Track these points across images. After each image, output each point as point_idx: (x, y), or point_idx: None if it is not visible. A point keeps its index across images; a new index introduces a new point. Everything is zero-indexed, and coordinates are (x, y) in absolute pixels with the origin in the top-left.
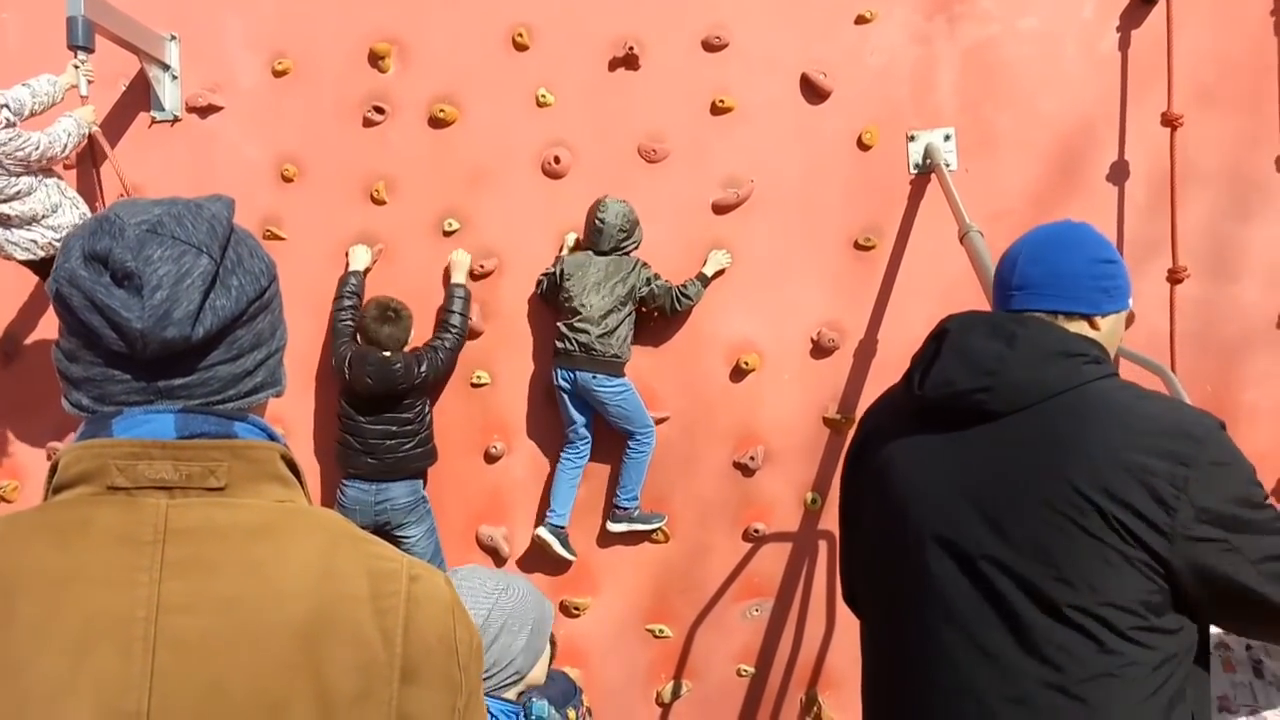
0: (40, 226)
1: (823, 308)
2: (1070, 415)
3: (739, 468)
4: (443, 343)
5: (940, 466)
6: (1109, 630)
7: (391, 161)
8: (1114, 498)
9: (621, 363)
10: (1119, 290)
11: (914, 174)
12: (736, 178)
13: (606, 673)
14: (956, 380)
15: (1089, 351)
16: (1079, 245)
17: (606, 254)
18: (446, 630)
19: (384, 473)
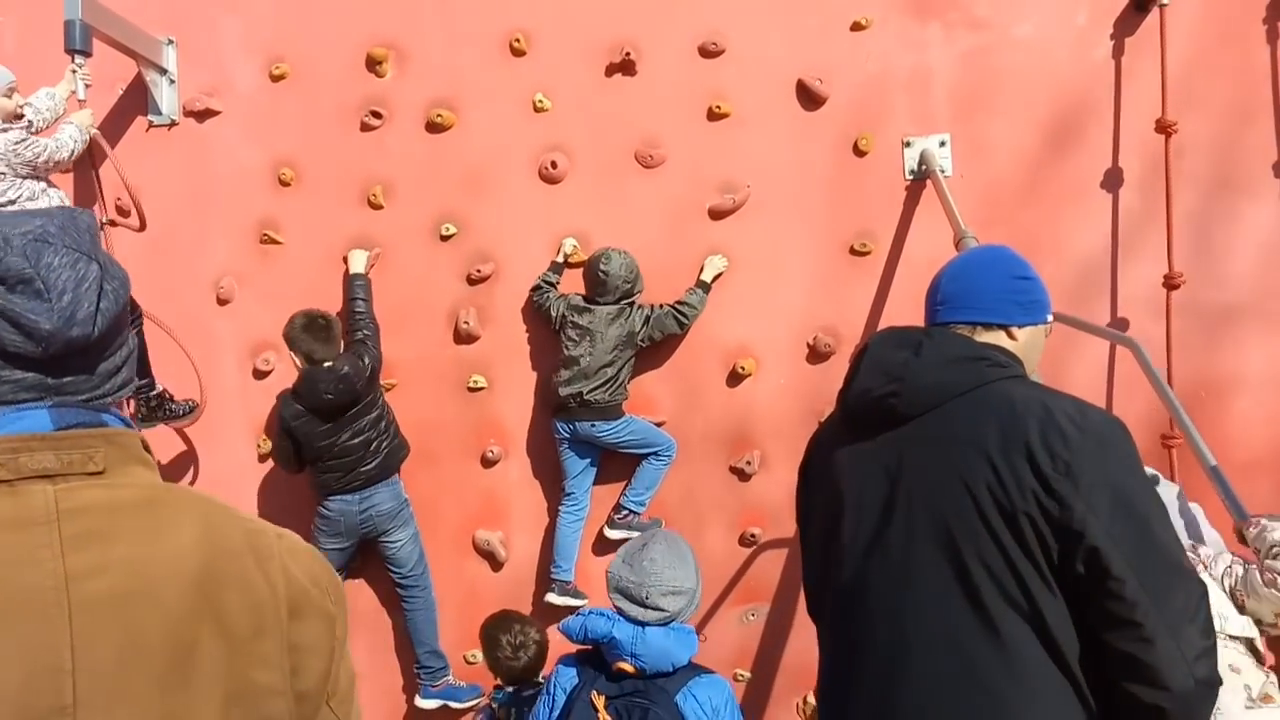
0: None
1: (818, 312)
2: (971, 410)
3: (735, 472)
4: (365, 335)
5: (863, 471)
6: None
7: (389, 166)
8: (1003, 482)
9: (618, 406)
10: (1035, 305)
11: (909, 180)
12: (733, 183)
13: None
14: (871, 387)
15: (991, 356)
16: (995, 264)
17: (610, 304)
18: (316, 574)
19: (369, 480)
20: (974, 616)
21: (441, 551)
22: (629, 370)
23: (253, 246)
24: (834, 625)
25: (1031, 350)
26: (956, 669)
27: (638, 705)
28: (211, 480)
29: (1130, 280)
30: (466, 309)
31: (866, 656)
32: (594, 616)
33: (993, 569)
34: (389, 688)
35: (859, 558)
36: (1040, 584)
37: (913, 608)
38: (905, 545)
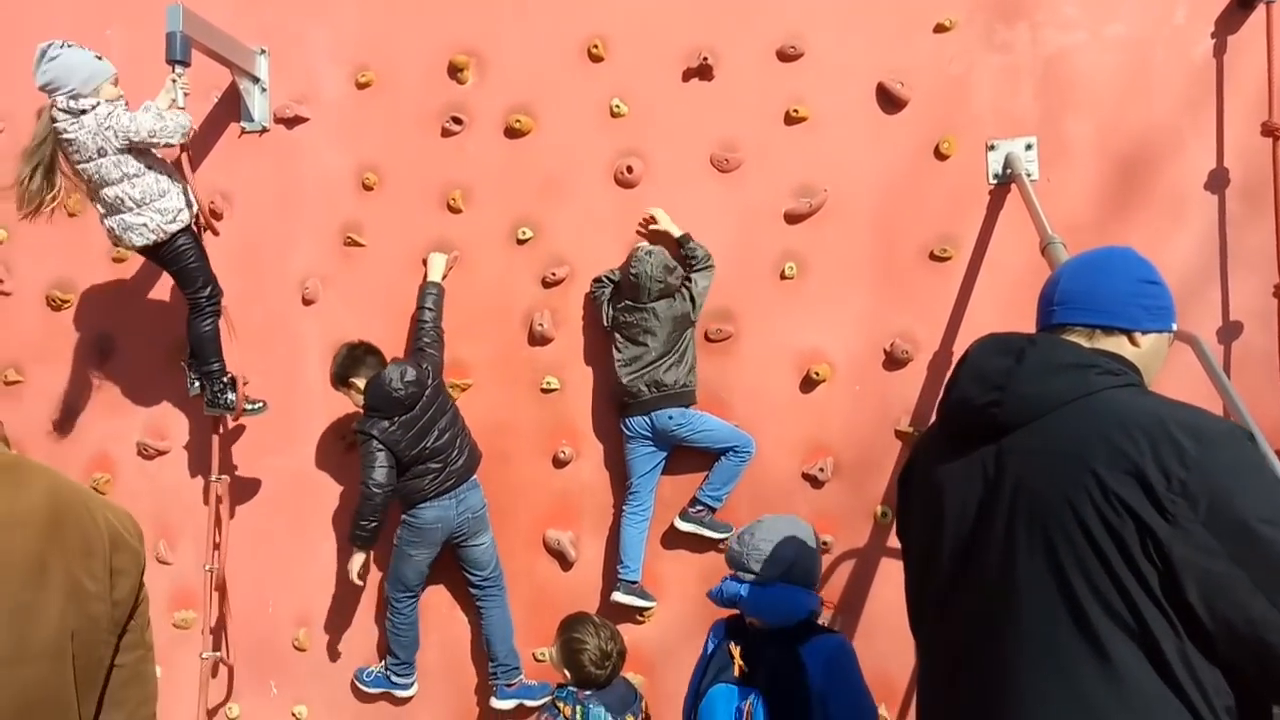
0: (150, 210)
1: (896, 319)
2: (1077, 420)
3: (808, 479)
4: (425, 344)
5: (963, 483)
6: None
7: (468, 171)
8: (1110, 500)
9: (691, 391)
10: (1161, 311)
11: (993, 184)
12: (810, 187)
13: (670, 681)
14: (972, 397)
15: (1102, 363)
16: (1122, 264)
17: (654, 301)
18: (128, 525)
19: (460, 478)
20: (1082, 640)
21: (513, 551)
22: (693, 351)
23: (337, 249)
24: (932, 640)
25: (1153, 360)
26: (1064, 694)
27: (765, 654)
28: (290, 473)
29: (1234, 290)
30: (541, 311)
31: (967, 675)
32: (728, 582)
33: (1100, 590)
34: (462, 689)
35: (957, 573)
36: (1153, 608)
37: (1015, 628)
38: (1006, 563)
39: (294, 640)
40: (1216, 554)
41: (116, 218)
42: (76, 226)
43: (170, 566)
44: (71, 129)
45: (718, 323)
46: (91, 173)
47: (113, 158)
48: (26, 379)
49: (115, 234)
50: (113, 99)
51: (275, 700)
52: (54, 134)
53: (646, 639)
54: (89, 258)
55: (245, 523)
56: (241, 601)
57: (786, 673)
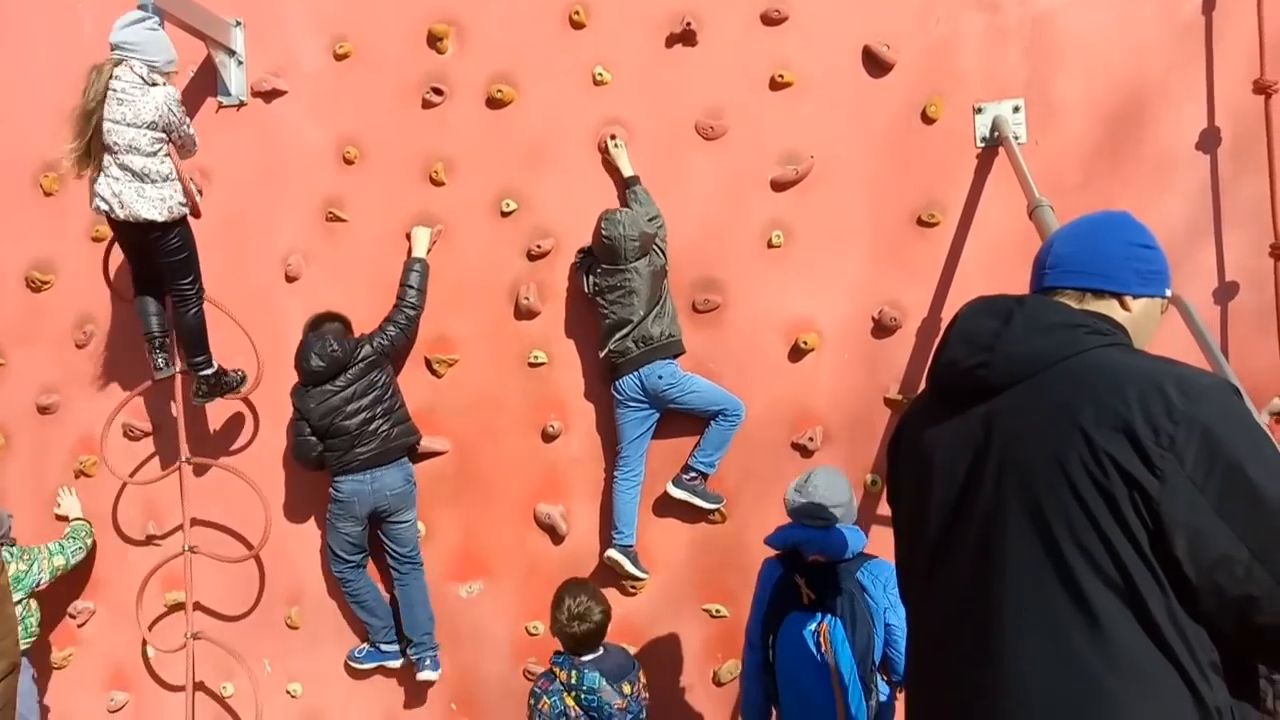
0: (169, 186)
1: (884, 286)
2: (1064, 380)
3: (797, 448)
4: (390, 318)
5: (951, 446)
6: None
7: (450, 142)
8: (1099, 458)
9: (678, 340)
10: (1154, 276)
11: (981, 147)
12: (796, 153)
13: (662, 651)
14: (959, 359)
15: (1090, 323)
16: (1116, 228)
17: (634, 261)
18: None
19: (375, 459)
20: (1069, 599)
21: (504, 525)
22: (672, 300)
23: (319, 224)
24: (922, 603)
25: (1144, 325)
26: (1053, 654)
27: (829, 581)
28: (275, 450)
29: (1227, 248)
30: (527, 285)
31: (956, 637)
32: (790, 529)
33: (1088, 548)
34: (455, 659)
35: (946, 536)
36: (1140, 563)
37: (1003, 588)
38: (995, 524)
39: (286, 618)
40: (1203, 508)
41: (134, 185)
42: (54, 206)
43: (159, 547)
44: (134, 93)
45: (705, 293)
46: (129, 138)
47: (156, 134)
48: (8, 361)
49: (122, 199)
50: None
51: (269, 678)
52: (109, 91)
53: (637, 610)
54: (68, 238)
55: (233, 501)
56: (232, 580)
57: (853, 595)
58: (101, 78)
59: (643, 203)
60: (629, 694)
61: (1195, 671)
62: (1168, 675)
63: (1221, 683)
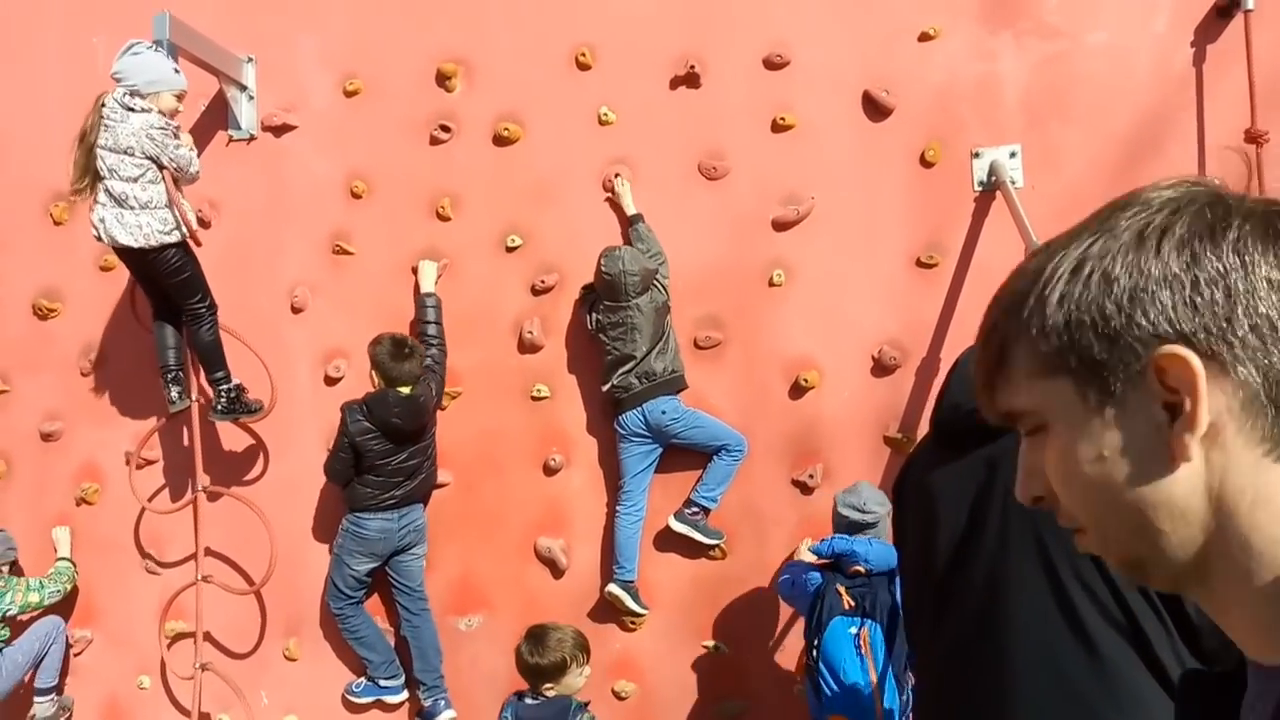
0: (147, 214)
1: (884, 326)
2: None
3: (797, 485)
4: (432, 363)
5: (956, 488)
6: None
7: (457, 179)
8: None
9: (680, 376)
10: None
11: (978, 191)
12: (797, 195)
13: (662, 688)
14: (961, 402)
15: None
16: None
17: (636, 298)
18: None
19: (405, 500)
20: (1075, 639)
21: (504, 559)
22: (674, 336)
23: (325, 257)
24: (930, 644)
25: None
26: (1058, 693)
27: (868, 592)
28: (281, 481)
29: None
30: (531, 319)
31: (965, 676)
32: (837, 540)
33: (1092, 588)
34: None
35: (952, 577)
36: (1144, 604)
37: (1009, 628)
38: (1000, 564)
39: (284, 650)
40: None
41: (115, 210)
42: (63, 234)
43: (159, 577)
44: (115, 119)
45: (707, 330)
46: (112, 163)
47: (137, 159)
48: (13, 388)
49: (105, 226)
50: (168, 111)
51: (266, 710)
52: (100, 120)
53: (637, 645)
54: (76, 266)
55: (235, 532)
56: (232, 611)
57: (889, 604)
58: (96, 106)
59: (645, 240)
60: None
61: None
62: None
63: None
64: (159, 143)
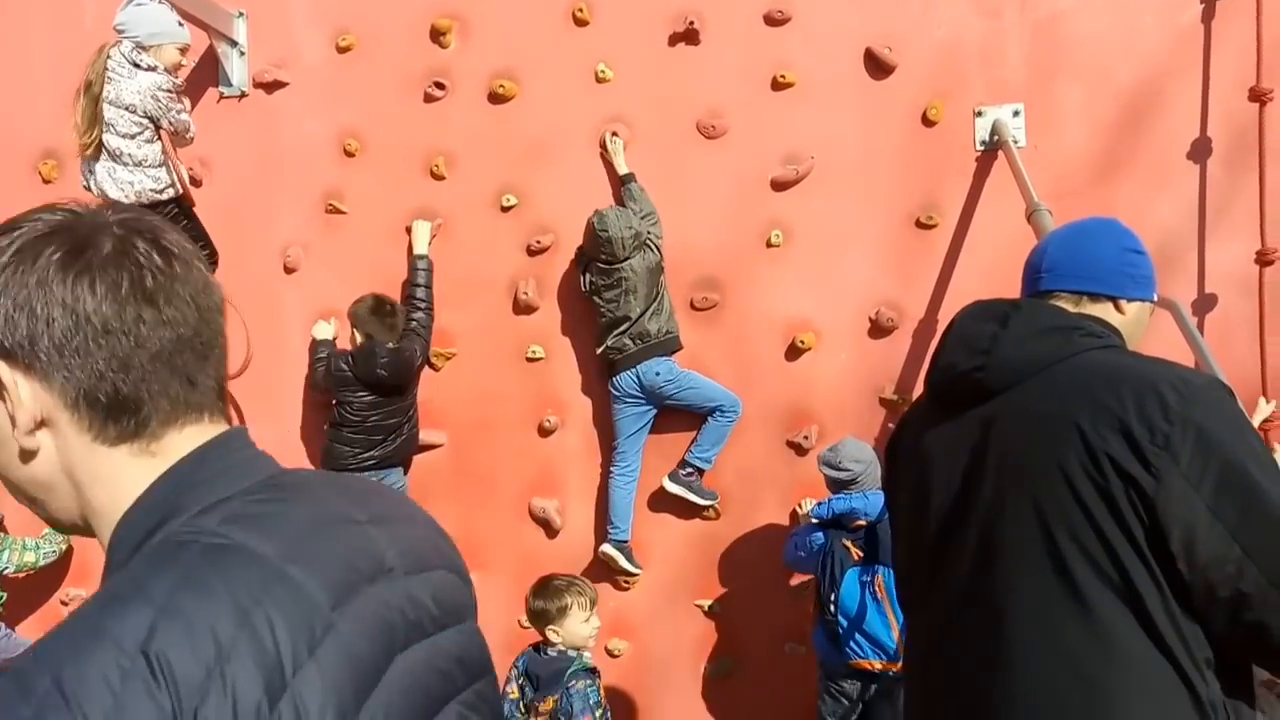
0: (142, 173)
1: (881, 286)
2: (1061, 382)
3: (792, 447)
4: (417, 323)
5: (949, 450)
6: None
7: (451, 137)
8: (1096, 458)
9: (675, 338)
10: (1145, 280)
11: (980, 151)
12: (796, 154)
13: (655, 646)
14: (957, 363)
15: (1085, 326)
16: (1110, 234)
17: (629, 257)
18: None
19: (385, 462)
20: (1068, 599)
21: (498, 519)
22: (669, 298)
23: (319, 216)
24: (921, 608)
25: (1136, 328)
26: (1052, 652)
27: (873, 539)
28: (274, 440)
29: (1217, 257)
30: (526, 280)
31: (955, 640)
32: (835, 500)
33: (1086, 547)
34: None
35: (945, 539)
36: (1137, 562)
37: (1003, 590)
38: (994, 526)
39: None
40: (1197, 506)
41: (107, 165)
42: (53, 193)
43: None
44: (121, 74)
45: (703, 291)
46: (110, 116)
47: (137, 117)
48: None
49: (95, 178)
50: (171, 65)
51: None
52: (105, 72)
53: (630, 605)
54: None
55: None
56: None
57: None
58: (100, 57)
59: (637, 199)
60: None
61: (1191, 668)
62: (1164, 672)
63: (1216, 679)
64: (163, 105)
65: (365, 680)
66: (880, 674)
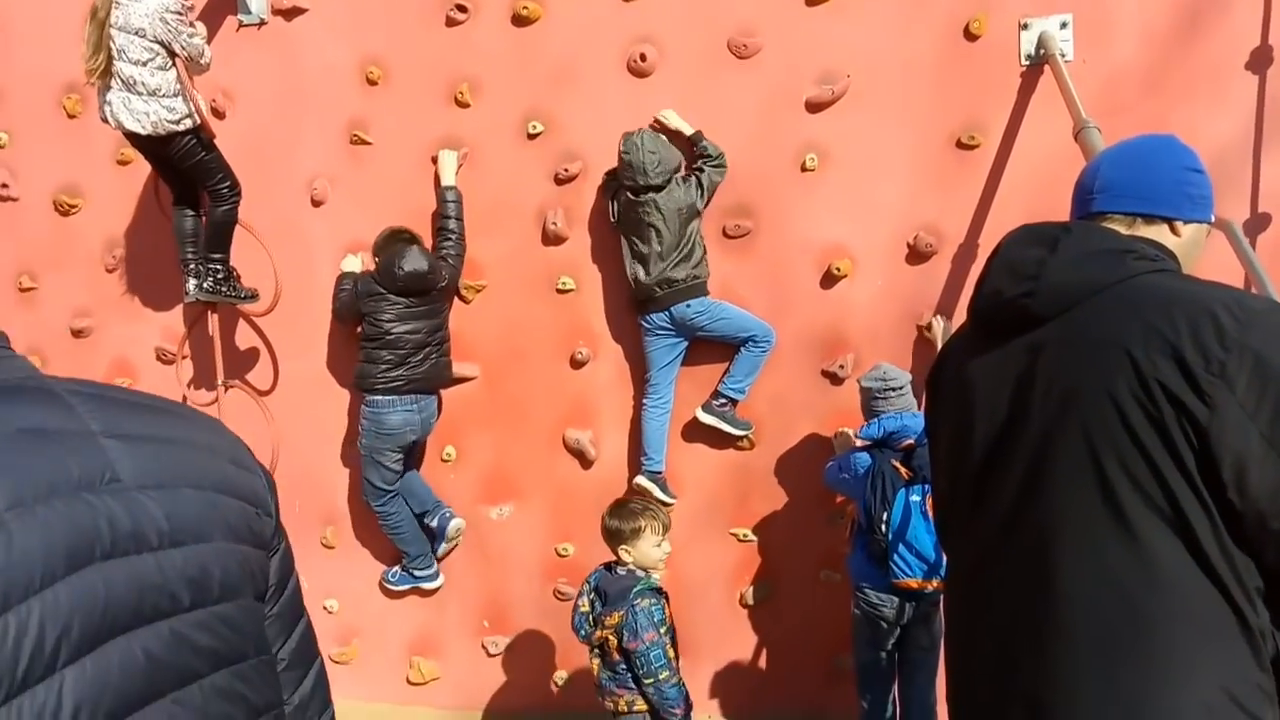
0: (156, 102)
1: (920, 210)
2: (1112, 306)
3: (828, 376)
4: (447, 251)
5: (994, 379)
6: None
7: (475, 62)
8: (1148, 386)
9: (703, 283)
10: (1203, 200)
11: (1025, 66)
12: (832, 73)
13: (690, 573)
14: (1002, 289)
15: (1139, 249)
16: (1167, 152)
17: (659, 188)
18: None
19: (422, 387)
20: (1115, 525)
21: (532, 450)
22: (702, 244)
23: (344, 147)
24: (962, 537)
25: (1191, 250)
26: (1097, 580)
27: (922, 458)
28: (305, 376)
29: (1274, 174)
30: (554, 209)
31: (1000, 569)
32: (886, 419)
33: (1135, 475)
34: (489, 579)
35: (989, 469)
36: (1188, 491)
37: (1050, 518)
38: (1041, 456)
39: (322, 538)
40: (1252, 435)
41: (122, 95)
42: (78, 128)
43: None
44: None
45: (735, 218)
46: (121, 43)
47: (147, 42)
48: (40, 286)
49: (112, 109)
50: None
51: (306, 594)
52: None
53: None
54: (93, 161)
55: (264, 425)
56: None
57: None
58: None
59: (710, 150)
60: (608, 624)
61: (1241, 596)
62: (1212, 599)
63: (1264, 609)
64: (172, 28)
65: (27, 576)
66: (919, 593)
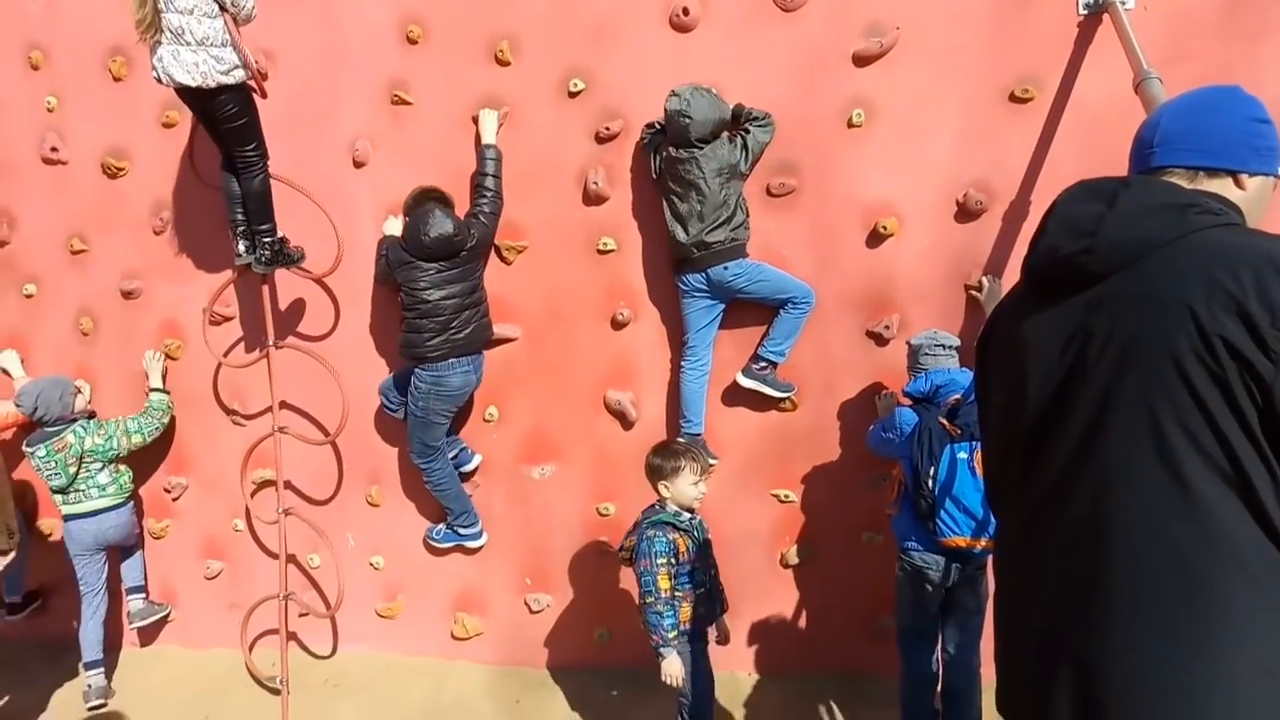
0: (205, 52)
1: (971, 166)
2: (1173, 262)
3: (872, 336)
4: (480, 209)
5: (1049, 339)
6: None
7: (515, 19)
8: (1211, 343)
9: (741, 245)
10: (1270, 152)
11: (1083, 14)
12: (880, 24)
13: (731, 532)
14: (1059, 246)
15: (1202, 203)
16: (1230, 102)
17: (704, 148)
18: None
19: (466, 348)
20: (1174, 488)
21: (573, 410)
22: (744, 206)
23: (385, 108)
24: (1014, 497)
25: (1258, 205)
26: (1151, 538)
27: (970, 415)
28: (352, 334)
29: None
30: (595, 169)
31: (1054, 529)
32: (935, 373)
33: (1195, 435)
34: (532, 537)
35: (1044, 428)
36: (1250, 449)
37: (1105, 476)
38: (1098, 413)
39: (367, 496)
40: None
41: (171, 47)
42: (124, 91)
43: (244, 428)
44: None
45: (780, 176)
46: None
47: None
48: (91, 247)
49: (163, 64)
50: None
51: (353, 551)
52: None
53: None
54: (140, 123)
55: (308, 385)
56: (314, 460)
57: None
58: None
59: (761, 118)
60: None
61: None
62: (1273, 561)
63: None
64: None
65: None
66: (967, 553)
